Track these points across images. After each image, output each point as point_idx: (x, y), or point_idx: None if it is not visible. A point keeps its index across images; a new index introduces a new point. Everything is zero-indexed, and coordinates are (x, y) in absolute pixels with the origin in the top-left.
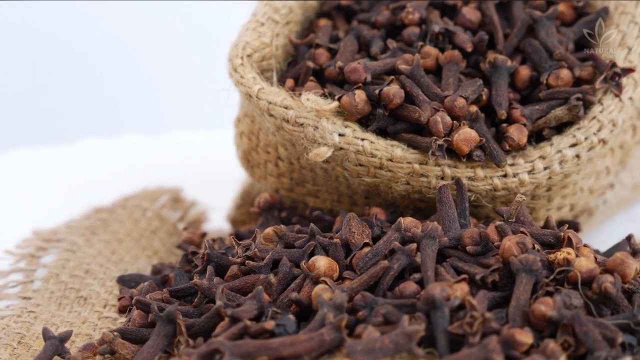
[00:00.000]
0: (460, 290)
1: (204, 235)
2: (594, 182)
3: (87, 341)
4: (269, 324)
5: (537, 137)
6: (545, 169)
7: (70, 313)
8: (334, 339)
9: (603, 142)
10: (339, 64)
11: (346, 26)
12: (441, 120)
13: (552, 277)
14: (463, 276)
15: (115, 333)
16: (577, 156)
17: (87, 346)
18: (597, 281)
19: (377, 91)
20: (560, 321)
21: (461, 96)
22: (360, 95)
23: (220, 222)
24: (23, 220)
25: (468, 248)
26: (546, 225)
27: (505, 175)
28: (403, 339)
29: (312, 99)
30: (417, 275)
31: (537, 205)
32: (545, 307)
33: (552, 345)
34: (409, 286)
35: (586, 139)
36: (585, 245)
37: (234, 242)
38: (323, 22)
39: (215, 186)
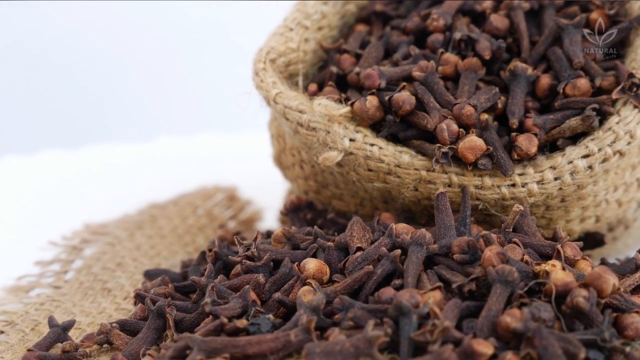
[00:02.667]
0: (433, 298)
1: (237, 234)
2: (622, 194)
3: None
4: (241, 323)
5: (552, 147)
6: (555, 179)
7: (92, 303)
8: (302, 340)
9: (619, 153)
10: (357, 69)
11: (381, 32)
12: (447, 127)
13: (525, 288)
14: (437, 284)
15: (114, 324)
16: (590, 167)
17: (88, 336)
18: (571, 295)
19: (387, 98)
20: (524, 333)
21: (470, 104)
22: (371, 101)
23: (274, 221)
24: (91, 213)
25: (455, 256)
26: (554, 236)
27: (513, 185)
28: (364, 344)
29: (323, 104)
30: (397, 282)
31: (554, 215)
32: (511, 318)
33: (509, 356)
34: (387, 292)
35: (600, 150)
36: (584, 258)
37: (237, 242)
38: (359, 28)
39: (275, 186)
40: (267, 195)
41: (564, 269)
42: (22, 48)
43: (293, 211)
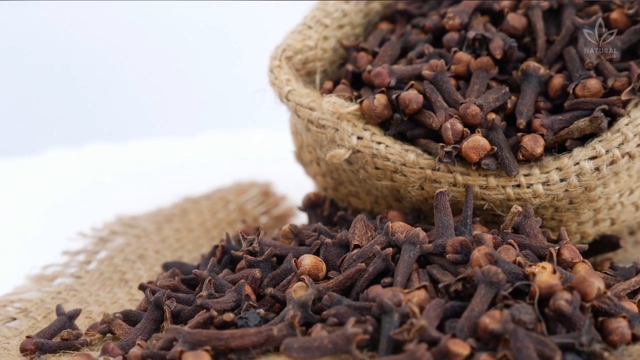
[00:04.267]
0: (417, 297)
1: (258, 229)
2: (639, 197)
3: None
4: (228, 316)
5: (560, 148)
6: (561, 180)
7: (108, 294)
8: (285, 335)
9: (629, 156)
10: (369, 67)
11: (403, 30)
12: (451, 127)
13: (509, 290)
14: (423, 283)
15: (117, 314)
16: (598, 169)
17: (93, 325)
18: (554, 298)
19: (394, 96)
20: (502, 335)
21: (475, 104)
22: (380, 100)
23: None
24: (133, 206)
25: (448, 256)
26: (558, 238)
27: (518, 185)
28: (342, 340)
29: (331, 102)
30: (387, 280)
31: (564, 217)
32: (490, 319)
33: (484, 357)
34: (375, 290)
35: (607, 152)
36: (582, 261)
37: (241, 237)
38: (382, 26)
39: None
40: (305, 191)
41: (554, 271)
42: (74, 40)
43: (310, 207)
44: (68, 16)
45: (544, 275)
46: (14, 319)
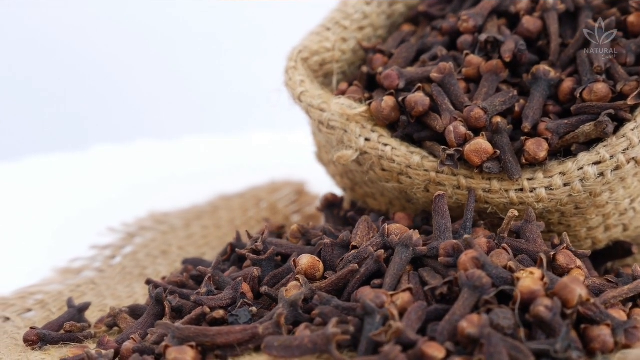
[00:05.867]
0: (401, 299)
1: (282, 227)
2: None
3: None
4: (218, 313)
5: (566, 152)
6: (565, 185)
7: (126, 288)
8: (271, 333)
9: (635, 161)
10: (380, 69)
11: (424, 32)
12: (454, 129)
13: (492, 294)
14: (408, 286)
15: (124, 308)
16: (602, 174)
17: (101, 319)
18: (534, 304)
19: (401, 98)
20: (479, 339)
21: (479, 107)
22: (387, 102)
23: None
24: (176, 202)
25: (440, 259)
26: (560, 243)
27: (521, 190)
28: (322, 340)
29: (339, 103)
30: (377, 281)
31: (572, 222)
32: (468, 324)
33: None
34: (363, 291)
35: (612, 157)
36: (578, 267)
37: (247, 235)
38: (404, 28)
39: None
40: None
41: (543, 277)
42: (124, 37)
43: (328, 208)
44: (119, 15)
45: (527, 280)
46: (30, 310)
